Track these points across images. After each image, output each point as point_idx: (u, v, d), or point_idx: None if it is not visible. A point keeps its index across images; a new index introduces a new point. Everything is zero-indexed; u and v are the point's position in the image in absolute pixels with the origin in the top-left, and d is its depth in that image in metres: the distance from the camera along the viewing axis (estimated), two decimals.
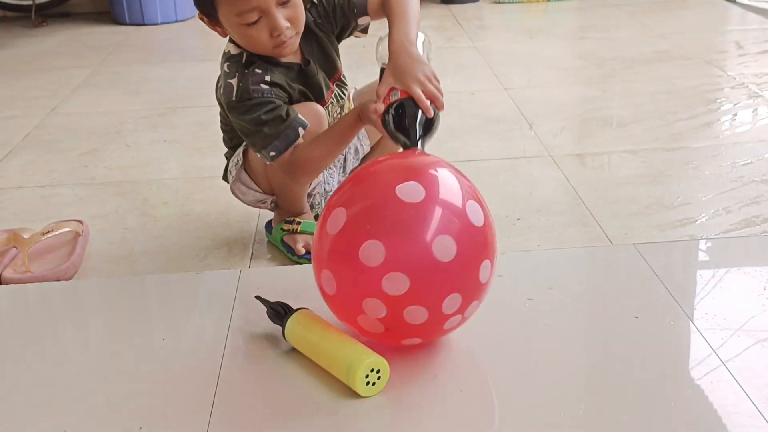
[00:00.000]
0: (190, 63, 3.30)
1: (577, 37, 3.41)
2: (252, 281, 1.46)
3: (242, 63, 1.47)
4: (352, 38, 1.61)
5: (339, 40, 1.58)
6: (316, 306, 1.28)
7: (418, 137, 1.27)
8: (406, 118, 1.30)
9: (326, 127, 1.49)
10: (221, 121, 1.62)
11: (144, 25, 3.85)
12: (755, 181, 1.82)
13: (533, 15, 3.81)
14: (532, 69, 2.87)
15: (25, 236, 1.60)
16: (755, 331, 1.25)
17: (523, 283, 1.42)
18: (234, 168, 1.60)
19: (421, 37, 1.43)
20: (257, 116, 1.43)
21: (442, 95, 1.34)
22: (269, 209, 1.65)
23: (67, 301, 1.48)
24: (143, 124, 2.44)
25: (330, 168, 1.65)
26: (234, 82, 1.45)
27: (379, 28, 1.50)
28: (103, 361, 1.26)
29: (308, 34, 1.51)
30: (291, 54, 1.49)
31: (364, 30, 1.58)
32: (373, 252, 1.07)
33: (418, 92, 1.30)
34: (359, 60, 2.52)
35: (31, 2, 3.97)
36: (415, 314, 1.10)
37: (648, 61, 2.84)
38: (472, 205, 1.13)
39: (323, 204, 1.66)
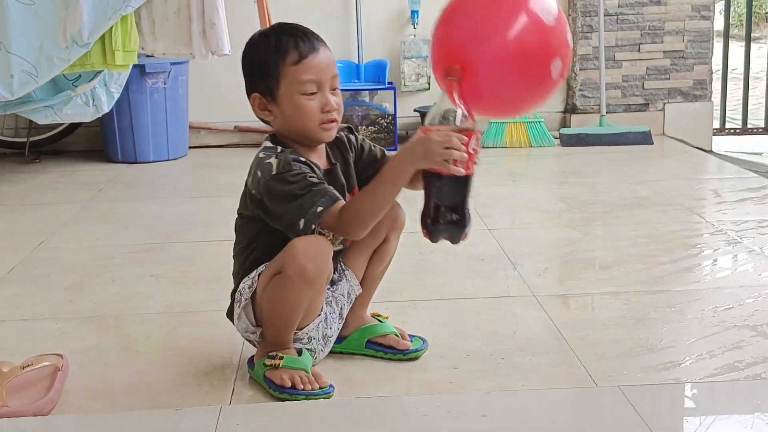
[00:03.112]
0: (180, 199, 3.35)
1: (558, 181, 3.50)
2: (232, 418, 1.43)
3: (278, 149, 1.56)
4: None
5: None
6: None
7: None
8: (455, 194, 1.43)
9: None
10: (238, 223, 1.64)
11: (136, 162, 3.91)
12: (737, 326, 1.83)
13: (516, 159, 3.92)
14: (515, 211, 2.93)
15: (5, 370, 1.58)
16: None
17: (510, 424, 1.41)
18: (248, 289, 1.59)
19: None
20: (303, 180, 1.50)
21: (471, 152, 1.40)
22: (255, 340, 1.63)
23: None
24: (130, 259, 2.45)
25: (332, 312, 1.65)
26: (272, 160, 1.53)
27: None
28: None
29: (339, 144, 1.64)
30: (329, 138, 1.59)
31: None
32: None
33: (446, 168, 1.40)
34: None
35: (25, 139, 4.05)
36: None
37: (628, 206, 2.91)
38: None
39: (325, 351, 1.66)
